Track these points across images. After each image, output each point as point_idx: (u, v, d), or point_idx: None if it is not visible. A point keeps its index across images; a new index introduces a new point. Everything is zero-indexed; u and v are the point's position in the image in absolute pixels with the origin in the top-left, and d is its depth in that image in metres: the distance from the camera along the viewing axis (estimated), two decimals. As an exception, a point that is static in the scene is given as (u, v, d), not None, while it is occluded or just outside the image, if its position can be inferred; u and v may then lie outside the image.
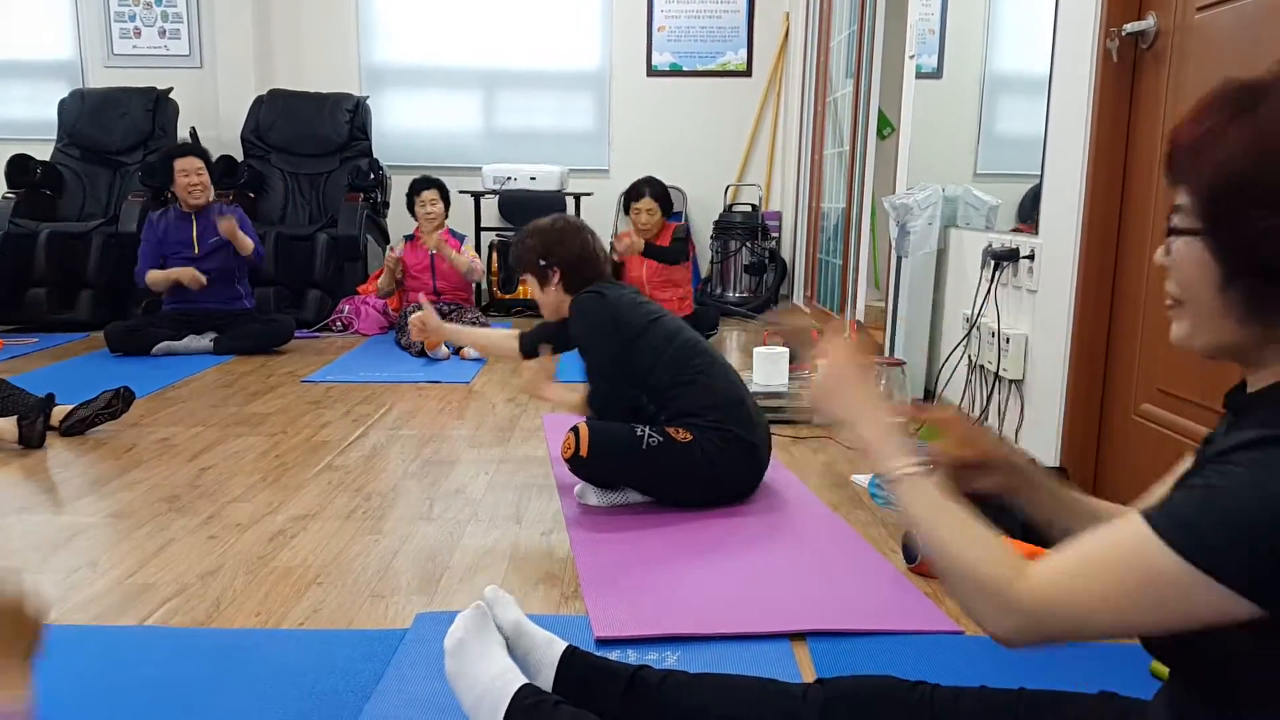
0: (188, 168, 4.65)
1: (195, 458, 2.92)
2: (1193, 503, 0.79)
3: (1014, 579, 0.85)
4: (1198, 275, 0.86)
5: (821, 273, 5.97)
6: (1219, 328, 0.87)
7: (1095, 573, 0.82)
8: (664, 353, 2.52)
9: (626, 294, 2.65)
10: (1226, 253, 0.83)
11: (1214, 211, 0.84)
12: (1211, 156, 0.83)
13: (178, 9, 6.65)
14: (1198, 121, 0.86)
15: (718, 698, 1.29)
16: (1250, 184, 0.81)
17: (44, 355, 4.66)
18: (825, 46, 5.82)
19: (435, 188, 5.19)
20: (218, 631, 1.79)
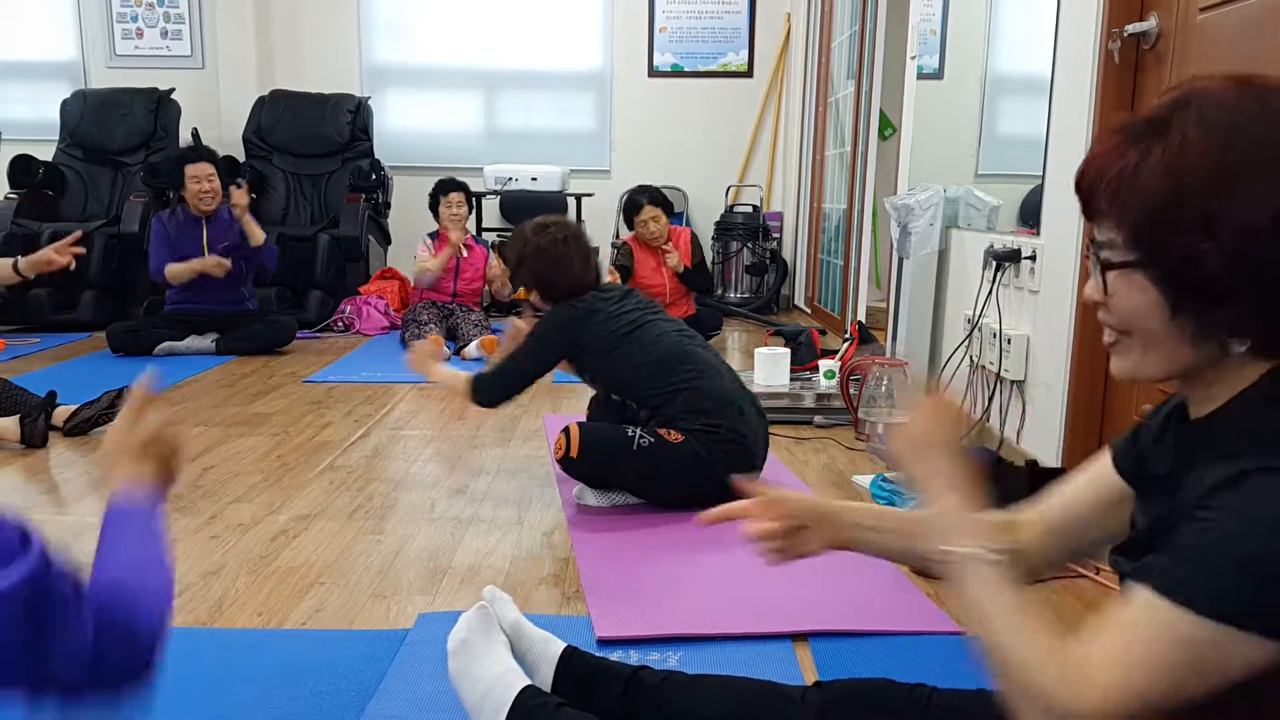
0: (199, 174, 4.61)
1: (197, 458, 2.93)
2: (1192, 556, 0.78)
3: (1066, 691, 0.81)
4: (1143, 306, 0.86)
5: (823, 273, 5.97)
6: (1172, 354, 0.87)
7: (1133, 663, 0.79)
8: (642, 365, 2.52)
9: (608, 306, 2.61)
10: (1168, 281, 0.84)
11: (1147, 243, 0.84)
12: (1131, 191, 0.84)
13: (180, 10, 6.65)
14: (1108, 158, 0.86)
15: (716, 699, 1.29)
16: (1174, 211, 0.81)
17: (46, 355, 4.66)
18: (826, 47, 5.82)
19: (460, 190, 5.22)
20: (220, 631, 1.79)
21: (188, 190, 4.64)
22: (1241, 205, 0.79)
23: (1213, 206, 0.80)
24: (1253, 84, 0.83)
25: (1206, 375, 0.87)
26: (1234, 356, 0.85)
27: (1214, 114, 0.82)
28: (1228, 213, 0.80)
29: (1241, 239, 0.79)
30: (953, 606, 1.90)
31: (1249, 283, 0.80)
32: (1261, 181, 0.79)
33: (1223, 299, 0.82)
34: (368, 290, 5.62)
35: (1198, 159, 0.81)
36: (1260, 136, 0.80)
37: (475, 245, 5.30)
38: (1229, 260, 0.80)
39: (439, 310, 5.04)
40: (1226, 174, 0.80)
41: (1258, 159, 0.80)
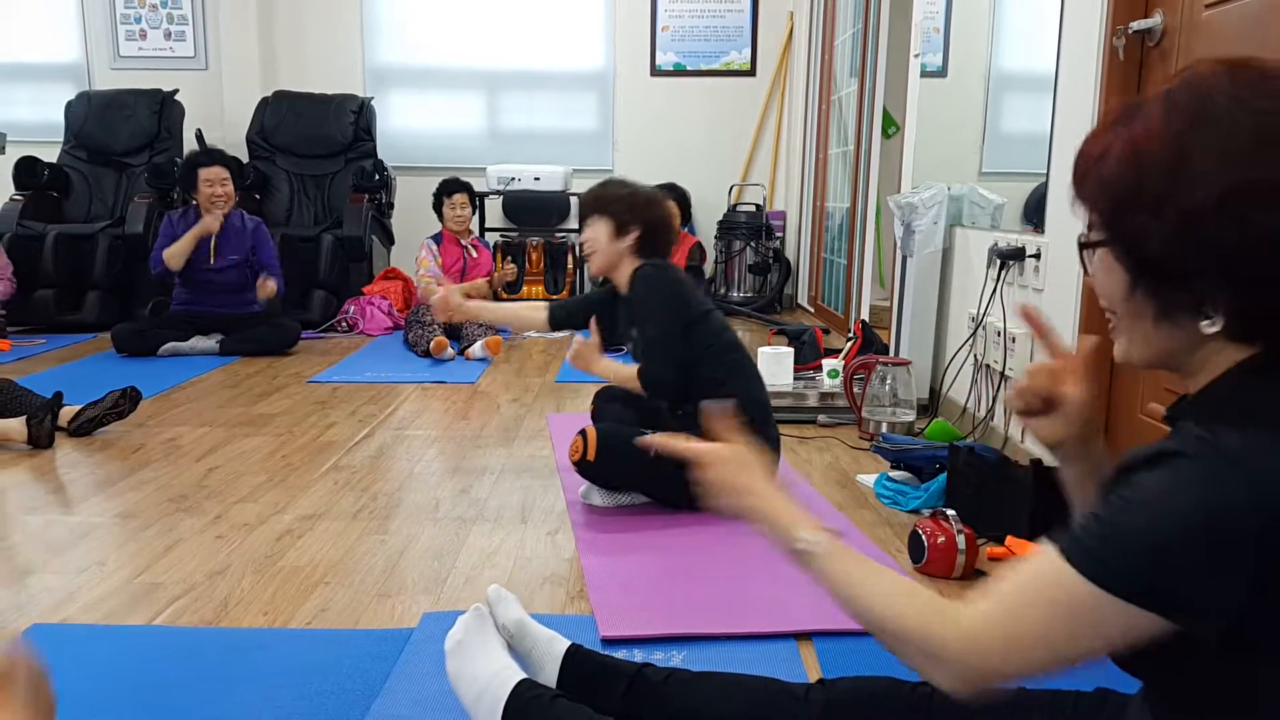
0: (213, 177, 4.59)
1: (202, 458, 2.93)
2: (1097, 526, 0.82)
3: (944, 629, 0.87)
4: (1111, 283, 0.90)
5: (826, 272, 5.96)
6: (1144, 335, 0.89)
7: (1020, 610, 0.84)
8: (712, 345, 2.51)
9: (686, 276, 2.62)
10: (1126, 257, 0.87)
11: (1108, 220, 0.88)
12: (1100, 175, 0.87)
13: (183, 11, 6.66)
14: (1092, 141, 0.90)
15: (720, 697, 1.29)
16: (1131, 188, 0.84)
17: (51, 356, 4.67)
18: (829, 45, 5.82)
19: (464, 190, 5.23)
20: (225, 631, 1.80)
21: (200, 193, 4.61)
22: (1188, 187, 0.81)
23: (1165, 188, 0.82)
24: (1246, 68, 0.84)
25: (1198, 362, 0.89)
26: (1213, 340, 0.86)
27: (1186, 98, 0.84)
28: (1175, 192, 0.82)
29: (1184, 219, 0.81)
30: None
31: (1199, 263, 0.82)
32: (1210, 165, 0.80)
33: (1174, 278, 0.84)
34: (371, 290, 5.63)
35: (1156, 142, 0.83)
36: (1224, 121, 0.81)
37: (481, 248, 5.30)
38: (1172, 240, 0.82)
39: (443, 311, 5.04)
40: (1179, 155, 0.82)
41: (1212, 143, 0.81)
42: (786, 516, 1.02)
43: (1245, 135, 0.80)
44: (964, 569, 2.02)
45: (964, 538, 2.02)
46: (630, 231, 2.57)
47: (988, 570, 2.07)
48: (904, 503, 2.50)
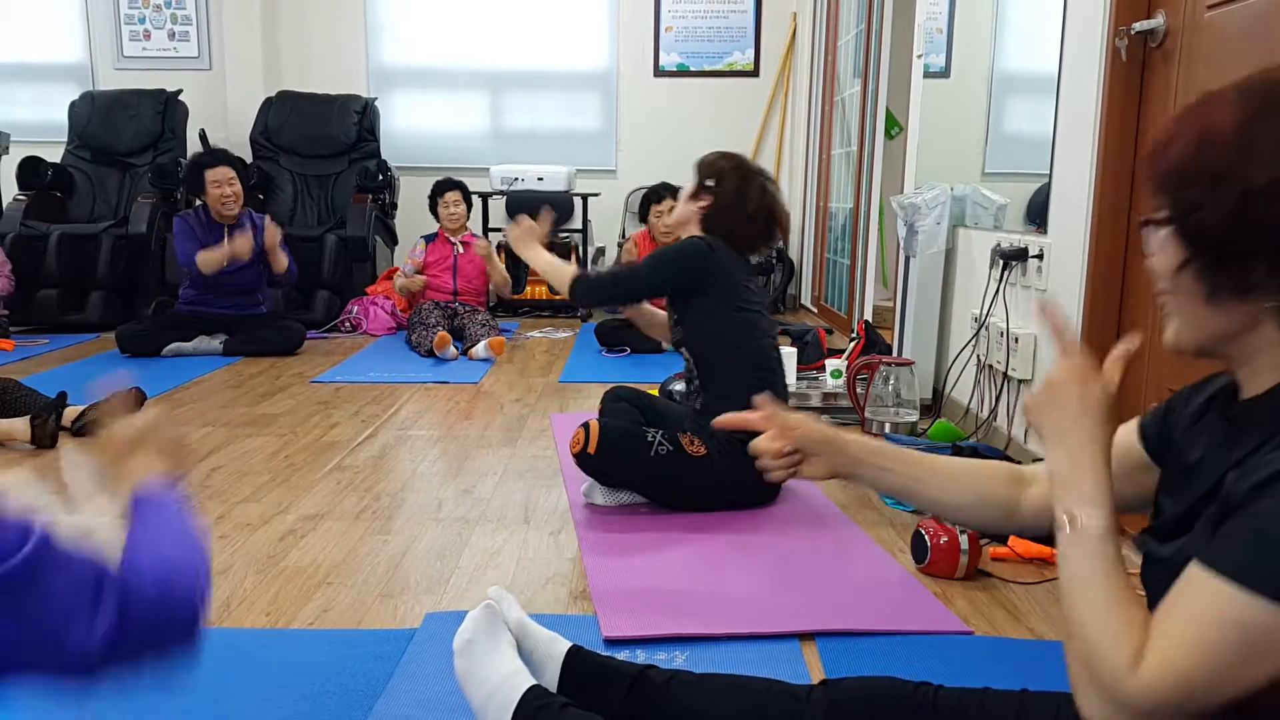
0: (220, 178, 4.56)
1: (205, 458, 2.94)
2: (1257, 541, 0.79)
3: (1129, 674, 0.83)
4: (1166, 260, 0.91)
5: (829, 272, 5.96)
6: (1192, 316, 0.90)
7: (1194, 647, 0.80)
8: (739, 346, 2.47)
9: (739, 271, 2.52)
10: (1183, 232, 0.88)
11: (1170, 201, 0.89)
12: (1169, 155, 0.89)
13: (187, 11, 6.68)
14: (1166, 130, 0.92)
15: (723, 698, 1.29)
16: (1194, 168, 0.86)
17: (55, 356, 4.68)
18: (833, 46, 5.81)
19: (458, 189, 5.24)
20: (228, 631, 1.80)
21: (209, 195, 4.58)
22: (1246, 168, 0.83)
23: (1225, 169, 0.84)
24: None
25: (1249, 350, 0.89)
26: (1263, 328, 0.87)
27: (1259, 86, 0.86)
28: (1234, 173, 0.83)
29: (1241, 199, 0.82)
30: (960, 607, 1.90)
31: (1249, 244, 0.83)
32: (1273, 149, 0.82)
33: (1226, 258, 0.85)
34: (375, 291, 5.63)
35: (1224, 125, 0.85)
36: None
37: (474, 241, 5.28)
38: (1225, 218, 0.83)
39: (444, 311, 5.04)
40: (1244, 139, 0.83)
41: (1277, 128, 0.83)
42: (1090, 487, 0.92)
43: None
44: (967, 569, 2.02)
45: (967, 538, 2.02)
46: (704, 199, 2.52)
47: (990, 570, 2.06)
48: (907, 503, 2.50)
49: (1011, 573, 2.07)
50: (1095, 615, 0.87)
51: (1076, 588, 0.89)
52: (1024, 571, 2.08)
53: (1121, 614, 0.86)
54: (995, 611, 1.89)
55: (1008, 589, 1.99)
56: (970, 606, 1.91)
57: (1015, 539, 2.15)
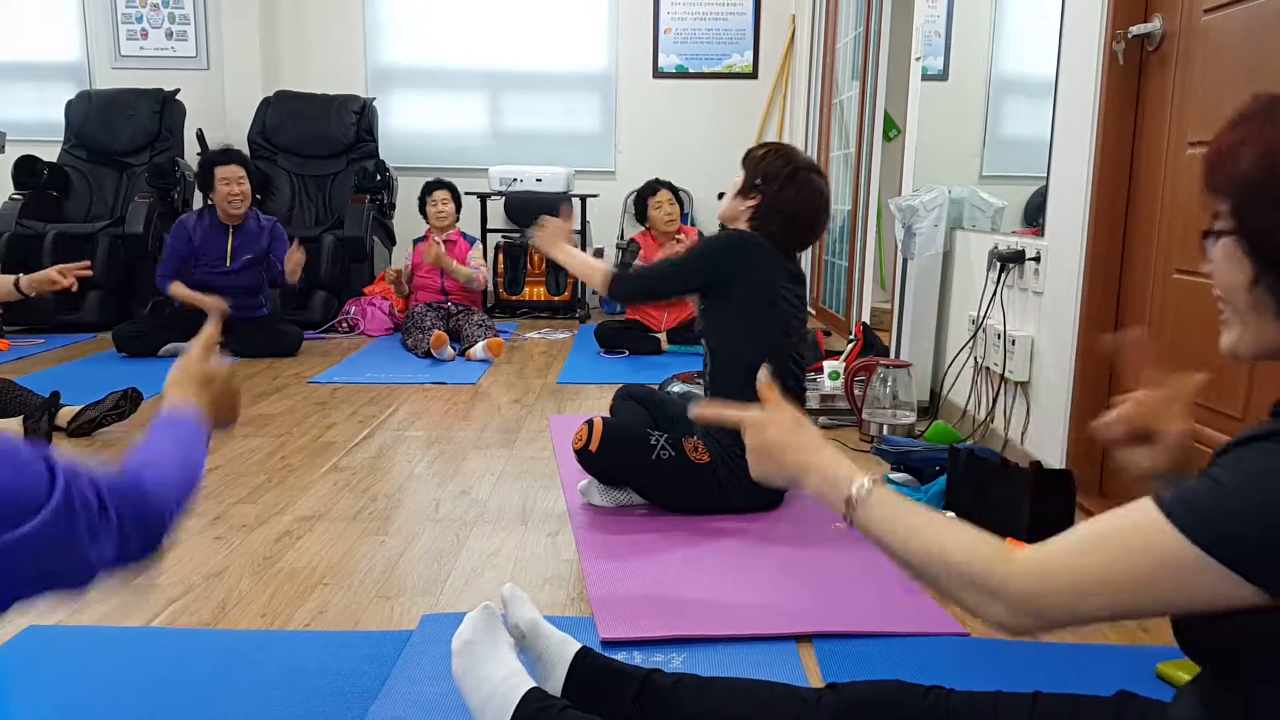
0: (230, 176, 4.57)
1: (201, 458, 2.93)
2: (1206, 491, 0.82)
3: (1005, 564, 0.88)
4: (1232, 274, 0.91)
5: (827, 274, 5.97)
6: (1258, 328, 0.90)
7: (1094, 553, 0.84)
8: (760, 346, 2.38)
9: (776, 268, 2.44)
10: (1253, 250, 0.88)
11: (1239, 212, 0.89)
12: (1236, 163, 0.89)
13: (185, 10, 6.67)
14: (1228, 133, 0.91)
15: (729, 701, 1.29)
16: (1264, 184, 0.86)
17: (51, 356, 4.67)
18: (831, 48, 5.82)
19: (446, 189, 5.25)
20: (224, 633, 1.80)
21: (217, 193, 4.59)
22: None
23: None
24: None
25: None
26: None
27: None
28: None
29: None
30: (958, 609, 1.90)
31: None
32: None
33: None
34: (372, 291, 5.63)
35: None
36: None
37: (459, 239, 5.26)
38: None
39: (439, 312, 5.04)
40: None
41: None
42: (840, 467, 1.01)
43: None
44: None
45: (963, 541, 2.01)
46: (753, 198, 2.47)
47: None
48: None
49: (1008, 575, 2.06)
50: (943, 536, 0.92)
51: (904, 536, 0.94)
52: (1021, 574, 2.07)
53: (962, 525, 0.93)
54: (992, 614, 1.89)
55: (1004, 592, 1.99)
56: (967, 609, 1.91)
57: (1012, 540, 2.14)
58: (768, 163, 2.49)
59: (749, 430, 1.08)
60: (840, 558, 2.17)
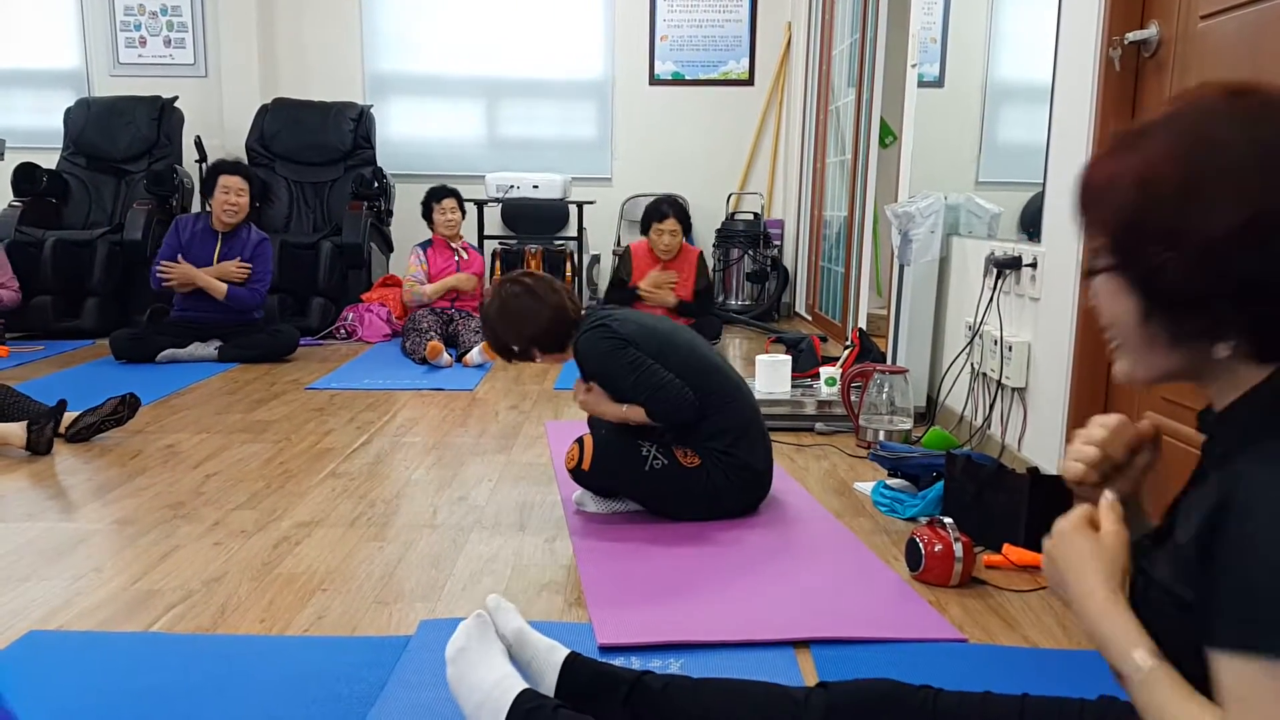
0: (230, 185, 4.61)
1: (200, 464, 2.93)
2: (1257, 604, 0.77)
3: None
4: (1120, 310, 0.89)
5: (824, 281, 5.98)
6: (1153, 359, 0.89)
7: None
8: (685, 373, 2.42)
9: (631, 320, 2.50)
10: (1139, 287, 0.87)
11: (1121, 249, 0.87)
12: (1110, 198, 0.87)
13: (183, 18, 6.68)
14: (1097, 167, 0.90)
15: (720, 702, 1.29)
16: (1142, 221, 0.84)
17: (49, 362, 4.67)
18: (827, 55, 5.84)
19: (453, 196, 5.25)
20: (222, 638, 1.80)
21: (215, 199, 4.63)
22: (1204, 218, 0.81)
23: (1176, 219, 0.82)
24: (1245, 94, 0.84)
25: (1209, 375, 0.89)
26: (1231, 358, 0.86)
27: (1190, 125, 0.84)
28: (1190, 225, 0.81)
29: (1203, 251, 0.81)
30: (955, 614, 1.90)
31: (1216, 292, 0.82)
32: (1224, 195, 0.81)
33: (1190, 307, 0.84)
34: (370, 298, 5.63)
35: (1166, 169, 0.83)
36: (1231, 149, 0.82)
37: (472, 251, 5.29)
38: (1191, 271, 0.82)
39: (439, 318, 5.04)
40: (1190, 186, 0.82)
41: (1223, 171, 0.81)
42: (1121, 630, 0.90)
43: (1252, 164, 0.81)
44: (961, 577, 2.02)
45: (961, 545, 2.02)
46: (536, 355, 2.53)
47: (985, 578, 2.07)
48: (901, 510, 2.50)
49: (1006, 580, 2.07)
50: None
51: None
52: (1018, 579, 2.08)
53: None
54: (989, 619, 1.89)
55: (1002, 597, 2.00)
56: (964, 614, 1.91)
57: (1009, 547, 2.15)
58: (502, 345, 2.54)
59: (1054, 534, 0.98)
60: (838, 564, 2.18)
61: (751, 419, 2.49)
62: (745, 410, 2.49)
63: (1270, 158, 0.81)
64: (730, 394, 2.48)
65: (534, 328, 2.48)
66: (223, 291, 4.62)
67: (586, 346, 2.48)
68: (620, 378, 2.42)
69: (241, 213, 4.67)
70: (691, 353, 2.49)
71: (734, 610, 1.91)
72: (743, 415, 2.47)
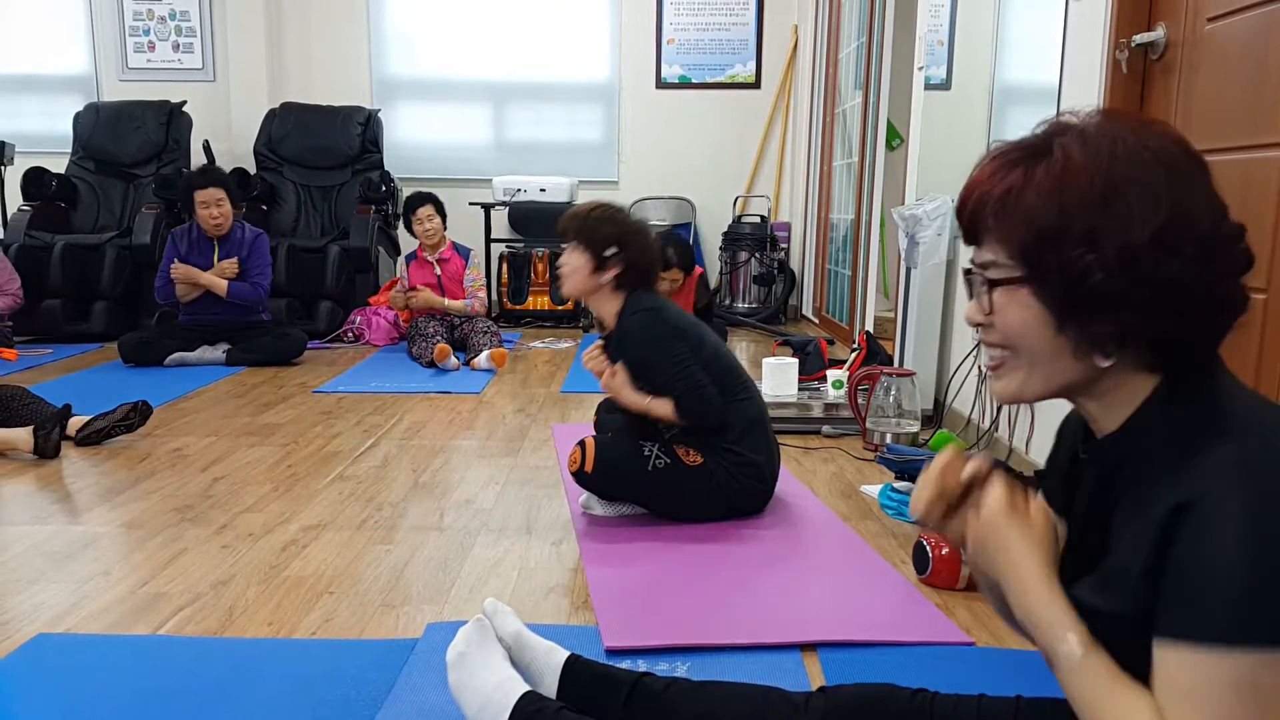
0: (208, 199, 4.61)
1: (208, 468, 2.94)
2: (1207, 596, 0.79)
3: None
4: (1029, 322, 0.89)
5: (831, 283, 5.97)
6: (1054, 370, 0.90)
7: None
8: (712, 370, 2.44)
9: (674, 311, 2.51)
10: (1056, 294, 0.87)
11: (1032, 259, 0.87)
12: (1017, 211, 0.87)
13: (191, 23, 6.71)
14: (990, 181, 0.90)
15: (720, 705, 1.30)
16: (1061, 228, 0.85)
17: (58, 366, 4.69)
18: (834, 58, 5.84)
19: (430, 203, 5.06)
20: (230, 641, 1.80)
21: (198, 215, 4.64)
22: (1122, 222, 0.83)
23: (1096, 222, 0.84)
24: (1122, 117, 0.88)
25: (1097, 389, 0.90)
26: (1120, 369, 0.88)
27: (1095, 136, 0.86)
28: (1110, 228, 0.83)
29: (1121, 254, 0.83)
30: (962, 617, 1.90)
31: (1131, 296, 0.84)
32: (1140, 200, 0.83)
33: (1106, 311, 0.85)
34: (377, 301, 5.64)
35: (1082, 176, 0.85)
36: (1138, 158, 0.84)
37: (454, 255, 5.17)
38: (1112, 273, 0.83)
39: (442, 322, 5.03)
40: (1108, 191, 0.84)
41: (1137, 178, 0.83)
42: (1052, 618, 0.91)
43: (1161, 172, 0.83)
44: (968, 580, 2.01)
45: (968, 549, 2.01)
46: (611, 268, 2.46)
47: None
48: (908, 514, 2.50)
49: (1013, 583, 2.06)
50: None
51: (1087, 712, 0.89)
52: (1026, 582, 2.07)
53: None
54: (997, 622, 1.88)
55: (1009, 600, 1.99)
56: (972, 617, 1.91)
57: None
58: (605, 231, 2.48)
59: (981, 515, 0.97)
60: (845, 567, 2.17)
61: (758, 417, 2.50)
62: (753, 409, 2.50)
63: (1173, 166, 0.84)
64: (742, 394, 2.49)
65: (639, 243, 2.47)
66: (224, 288, 4.64)
67: (638, 326, 2.44)
68: (661, 369, 2.41)
69: (227, 219, 4.67)
70: (716, 352, 2.51)
71: (740, 613, 1.91)
72: (750, 413, 2.48)
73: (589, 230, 2.49)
